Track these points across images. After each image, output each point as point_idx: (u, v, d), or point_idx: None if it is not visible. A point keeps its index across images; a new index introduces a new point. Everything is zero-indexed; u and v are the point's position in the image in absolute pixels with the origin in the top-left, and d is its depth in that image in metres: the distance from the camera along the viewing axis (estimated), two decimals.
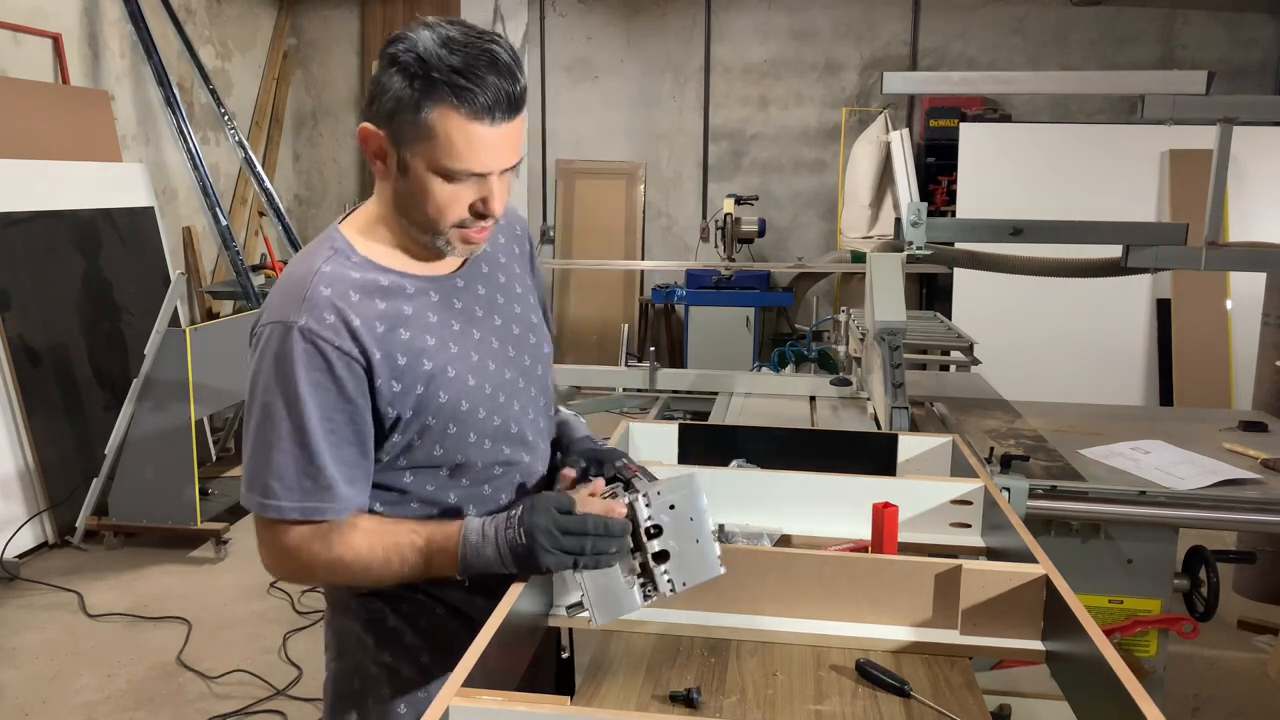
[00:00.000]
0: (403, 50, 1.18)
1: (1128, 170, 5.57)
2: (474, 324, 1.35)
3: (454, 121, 1.17)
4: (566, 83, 7.27)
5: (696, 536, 1.24)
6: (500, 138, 1.20)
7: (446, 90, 1.16)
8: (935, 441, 1.86)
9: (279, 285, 1.28)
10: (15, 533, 4.16)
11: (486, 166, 1.21)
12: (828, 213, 7.08)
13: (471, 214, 1.24)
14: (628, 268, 7.01)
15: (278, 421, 1.21)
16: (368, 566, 1.25)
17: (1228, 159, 2.46)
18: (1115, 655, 1.03)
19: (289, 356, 1.21)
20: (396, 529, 1.27)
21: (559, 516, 1.20)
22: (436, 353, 1.29)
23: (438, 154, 1.19)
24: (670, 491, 1.25)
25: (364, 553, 1.25)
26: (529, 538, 1.19)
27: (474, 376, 1.32)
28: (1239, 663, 3.35)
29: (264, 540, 1.28)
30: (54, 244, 4.58)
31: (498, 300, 1.40)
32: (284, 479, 1.22)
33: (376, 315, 1.25)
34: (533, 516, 1.20)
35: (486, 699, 0.98)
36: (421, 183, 1.22)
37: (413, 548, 1.25)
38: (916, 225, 2.59)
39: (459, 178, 1.21)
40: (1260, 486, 2.16)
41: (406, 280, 1.30)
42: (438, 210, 1.23)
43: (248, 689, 3.20)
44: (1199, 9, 6.49)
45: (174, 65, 5.55)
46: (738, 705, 1.17)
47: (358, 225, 1.33)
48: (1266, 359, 3.81)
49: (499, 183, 1.24)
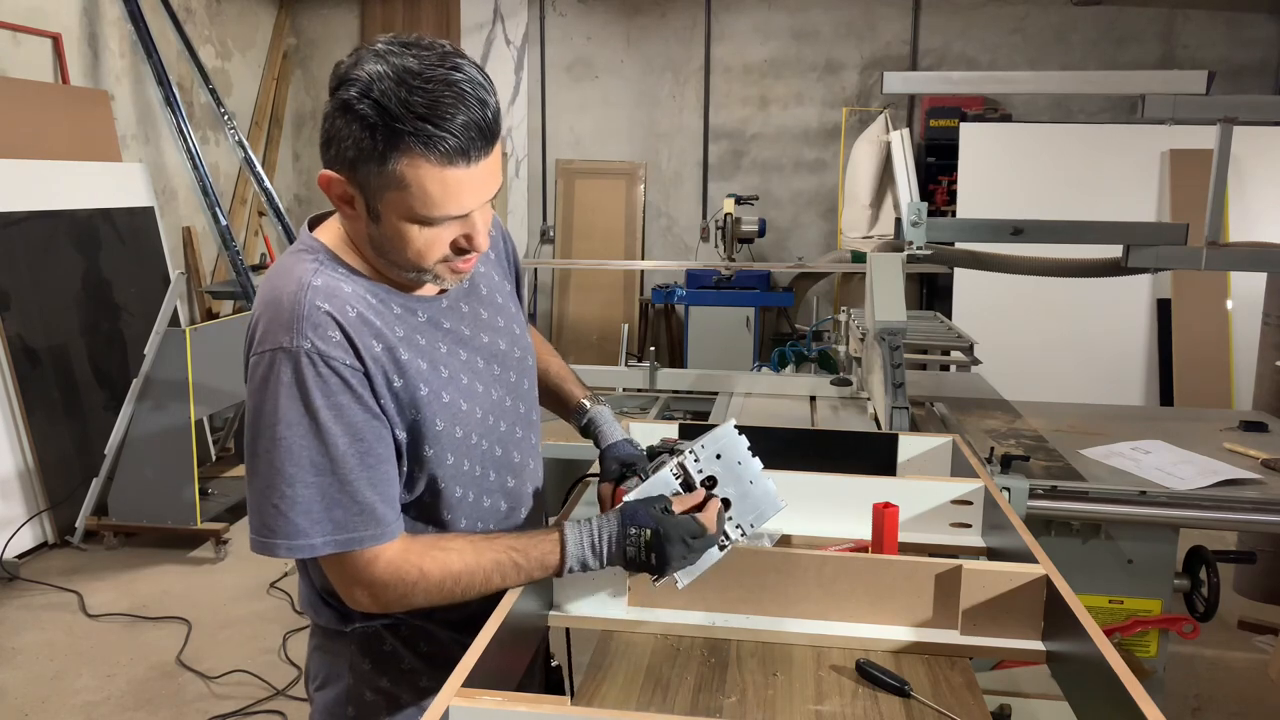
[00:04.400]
0: (356, 96, 1.06)
1: (1128, 170, 5.57)
2: (462, 345, 1.29)
3: (426, 171, 1.08)
4: (566, 83, 7.27)
5: (750, 478, 1.30)
6: (477, 175, 1.12)
7: (413, 140, 1.06)
8: (935, 441, 1.86)
9: (267, 306, 1.17)
10: (15, 533, 4.16)
11: (466, 208, 1.13)
12: (828, 213, 7.08)
13: (454, 251, 1.18)
14: (628, 268, 7.01)
15: (298, 455, 1.12)
16: (468, 588, 1.21)
17: (1228, 159, 2.46)
18: (1115, 655, 1.03)
19: (302, 384, 1.12)
20: (491, 546, 1.22)
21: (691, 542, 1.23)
22: (430, 377, 1.23)
23: (412, 204, 1.10)
24: (713, 443, 1.30)
25: (464, 574, 1.20)
26: (661, 561, 1.21)
27: (466, 401, 1.27)
28: (1239, 663, 3.35)
29: (344, 577, 1.20)
30: (54, 244, 4.58)
31: (481, 316, 1.34)
32: (312, 513, 1.13)
33: (374, 334, 1.18)
34: (668, 547, 1.21)
35: (486, 699, 0.98)
36: (397, 230, 1.14)
37: (514, 566, 1.22)
38: (916, 225, 2.59)
39: (438, 223, 1.13)
40: (1260, 486, 2.16)
41: (394, 299, 1.23)
42: (418, 255, 1.16)
43: (247, 689, 3.20)
44: (1199, 9, 6.49)
45: (174, 65, 5.54)
46: (738, 705, 1.17)
47: (333, 235, 1.24)
48: (1266, 359, 3.80)
49: (480, 215, 1.17)
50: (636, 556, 1.22)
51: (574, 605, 1.36)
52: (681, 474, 1.29)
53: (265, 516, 1.14)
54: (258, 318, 1.18)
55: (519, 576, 1.22)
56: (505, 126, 7.24)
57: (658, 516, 1.22)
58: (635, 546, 1.21)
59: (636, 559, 1.22)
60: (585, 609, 1.35)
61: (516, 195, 7.32)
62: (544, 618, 1.33)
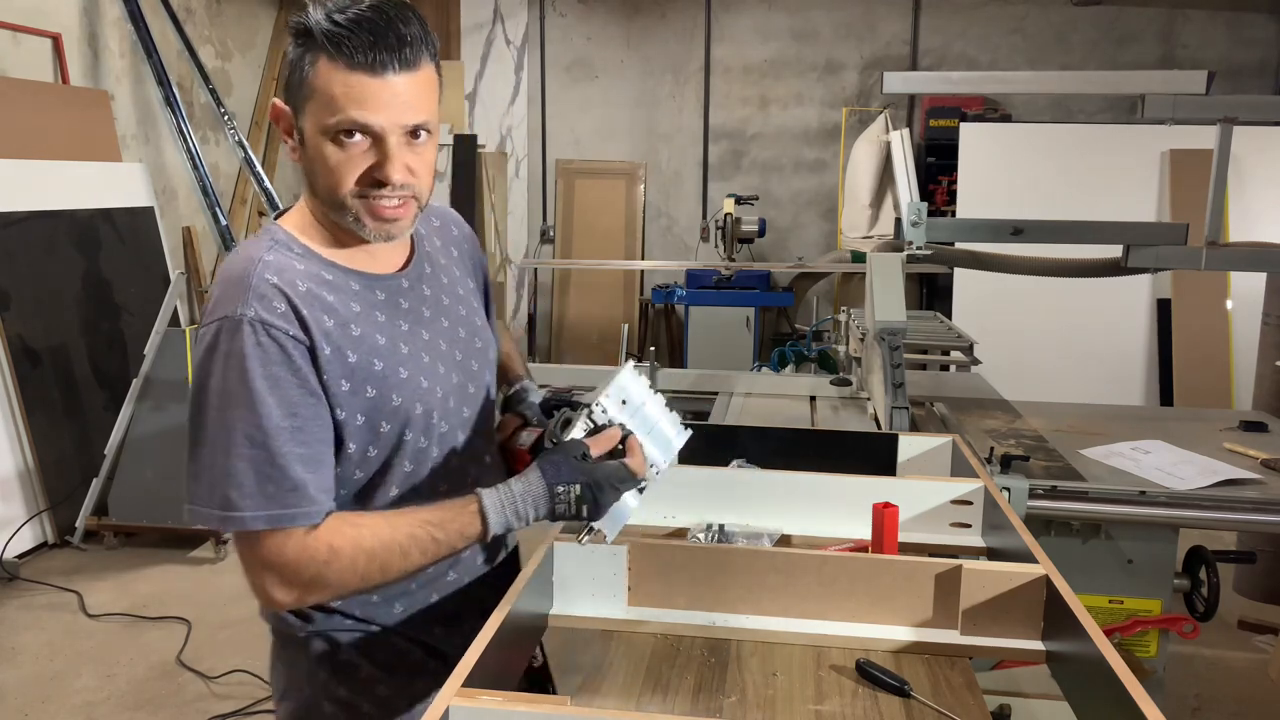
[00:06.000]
0: (295, 16, 1.14)
1: (1128, 170, 5.57)
2: (423, 325, 1.29)
3: (332, 73, 1.11)
4: (566, 83, 7.27)
5: (655, 417, 1.29)
6: (389, 91, 1.11)
7: (324, 41, 1.10)
8: (935, 441, 1.86)
9: (219, 282, 1.18)
10: (15, 533, 4.15)
11: (369, 119, 1.12)
12: (828, 213, 7.08)
13: (369, 182, 1.16)
14: (628, 268, 7.01)
15: (233, 426, 1.11)
16: (386, 566, 1.17)
17: (1228, 159, 2.46)
18: (1115, 655, 1.03)
19: (240, 353, 1.11)
20: (406, 520, 1.18)
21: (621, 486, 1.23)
22: (388, 353, 1.22)
23: (321, 112, 1.12)
24: (617, 391, 1.28)
25: (379, 550, 1.16)
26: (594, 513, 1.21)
27: (427, 379, 1.26)
28: (1239, 663, 3.35)
29: (254, 560, 1.15)
30: (54, 244, 4.58)
31: (443, 301, 1.34)
32: (243, 487, 1.11)
33: (325, 309, 1.17)
34: (602, 496, 1.21)
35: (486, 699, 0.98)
36: (316, 150, 1.15)
37: (431, 540, 1.18)
38: (916, 225, 2.59)
39: (344, 135, 1.12)
40: (1260, 486, 2.16)
41: (352, 277, 1.23)
42: (329, 175, 1.15)
43: (247, 689, 3.20)
44: (1199, 9, 6.49)
45: (174, 65, 5.54)
46: (738, 705, 1.17)
47: (294, 220, 1.26)
48: (1266, 359, 3.80)
49: (398, 147, 1.14)
50: (565, 512, 1.21)
51: (574, 605, 1.36)
52: (592, 427, 1.26)
53: (199, 485, 1.13)
54: (212, 294, 1.19)
55: (438, 550, 1.19)
56: (505, 125, 7.25)
57: (583, 467, 1.21)
58: (565, 504, 1.20)
59: (566, 514, 1.21)
60: (585, 609, 1.35)
61: (516, 195, 7.32)
62: (544, 618, 1.33)
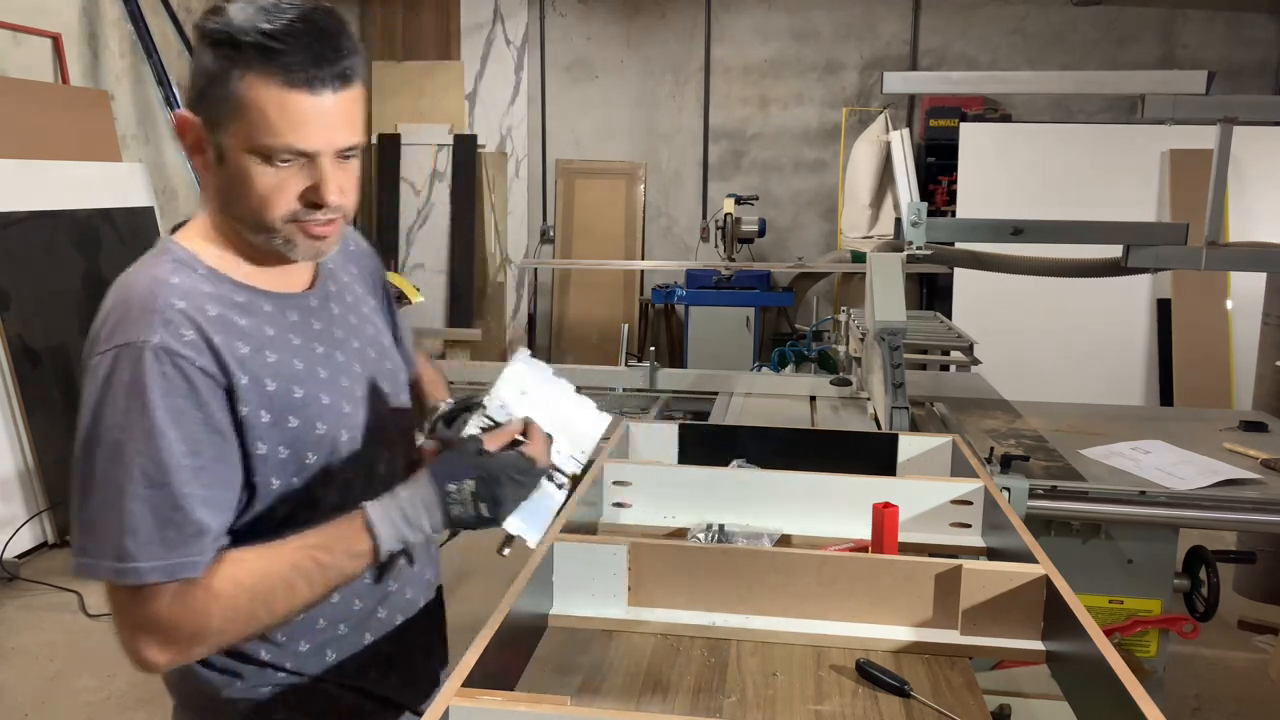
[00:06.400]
0: (212, 21, 1.03)
1: (1128, 170, 5.57)
2: (336, 346, 1.20)
3: (267, 90, 1.02)
4: (566, 83, 7.27)
5: (565, 405, 1.18)
6: (326, 110, 1.04)
7: (256, 54, 1.01)
8: (935, 441, 1.86)
9: (115, 305, 1.07)
10: (15, 533, 4.15)
11: (309, 143, 1.05)
12: (828, 213, 7.08)
13: (303, 205, 1.08)
14: (628, 268, 7.01)
15: (129, 462, 1.00)
16: (270, 602, 1.05)
17: (1228, 159, 2.46)
18: (1115, 655, 1.03)
19: (141, 382, 1.01)
20: (286, 547, 1.07)
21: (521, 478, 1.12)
22: (307, 378, 1.14)
23: (252, 131, 1.03)
24: (513, 380, 1.18)
25: (260, 586, 1.04)
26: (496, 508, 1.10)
27: (348, 404, 1.18)
28: (1239, 663, 3.35)
29: (128, 620, 1.02)
30: (54, 244, 4.58)
31: (350, 320, 1.26)
32: (139, 533, 0.99)
33: (239, 335, 1.08)
34: (499, 490, 1.10)
35: (486, 699, 0.98)
36: (240, 170, 1.05)
37: (316, 565, 1.07)
38: (916, 225, 2.59)
39: (280, 158, 1.05)
40: (1260, 486, 2.16)
41: (263, 299, 1.14)
42: (261, 201, 1.06)
43: None
44: (1199, 9, 6.49)
45: (174, 65, 5.54)
46: (738, 705, 1.17)
47: (194, 236, 1.15)
48: (1266, 359, 3.80)
49: (333, 168, 1.08)
50: (464, 514, 1.10)
51: (574, 605, 1.36)
52: (490, 424, 1.16)
53: (90, 535, 1.01)
54: (103, 320, 1.08)
55: (327, 576, 1.08)
56: (505, 125, 7.24)
57: (474, 461, 1.11)
58: (460, 503, 1.09)
59: (465, 516, 1.10)
60: (585, 609, 1.35)
61: (516, 195, 7.32)
62: (544, 618, 1.33)
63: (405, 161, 7.03)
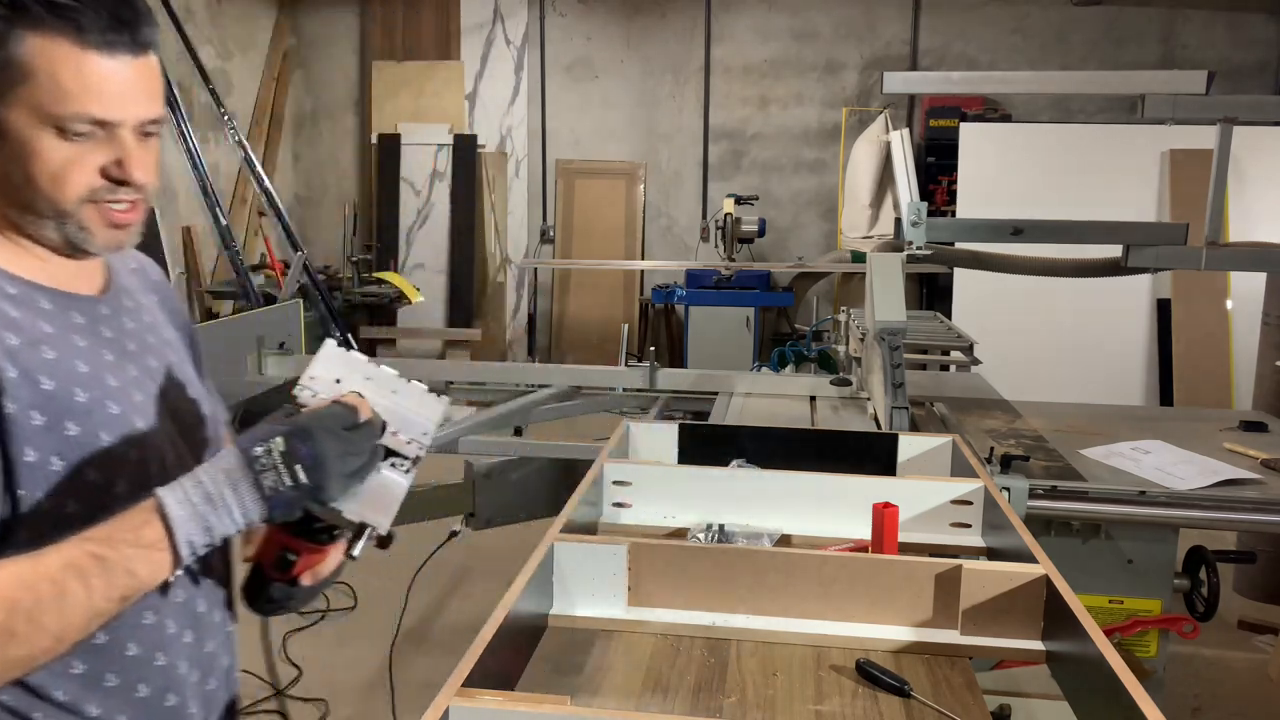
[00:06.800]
0: None
1: (1128, 170, 5.57)
2: (129, 359, 1.05)
3: (59, 51, 0.91)
4: (566, 83, 7.27)
5: (393, 388, 1.05)
6: (126, 77, 0.94)
7: (45, 11, 0.90)
8: (935, 441, 1.86)
9: None
10: None
11: (111, 111, 0.94)
12: (828, 213, 7.08)
13: (104, 181, 0.96)
14: (628, 268, 7.01)
15: None
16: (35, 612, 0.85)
17: (1228, 159, 2.46)
18: (1115, 655, 1.03)
19: None
20: (57, 547, 0.87)
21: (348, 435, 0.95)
22: (92, 382, 0.97)
23: (42, 98, 0.91)
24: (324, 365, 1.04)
25: (21, 594, 0.84)
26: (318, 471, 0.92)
27: (142, 420, 1.01)
28: (1239, 663, 3.35)
29: None
30: None
31: (148, 339, 1.10)
32: None
33: (7, 325, 0.93)
34: (319, 445, 0.92)
35: (486, 699, 0.98)
36: (26, 144, 0.93)
37: (96, 561, 0.87)
38: (916, 225, 2.59)
39: (75, 129, 0.93)
40: (1260, 486, 2.16)
41: (40, 294, 0.99)
42: (53, 179, 0.94)
43: (247, 689, 3.17)
44: (1199, 9, 6.49)
45: (174, 65, 5.55)
46: (738, 705, 1.17)
47: None
48: (1266, 359, 3.81)
49: (135, 142, 0.97)
50: (279, 483, 0.90)
51: (574, 605, 1.36)
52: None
53: None
54: None
55: (110, 576, 0.87)
56: (505, 125, 7.24)
57: (283, 421, 0.95)
58: (270, 468, 0.90)
59: (280, 486, 0.90)
60: (585, 609, 1.35)
61: (516, 195, 7.32)
62: (544, 618, 1.33)
63: (405, 161, 7.04)
